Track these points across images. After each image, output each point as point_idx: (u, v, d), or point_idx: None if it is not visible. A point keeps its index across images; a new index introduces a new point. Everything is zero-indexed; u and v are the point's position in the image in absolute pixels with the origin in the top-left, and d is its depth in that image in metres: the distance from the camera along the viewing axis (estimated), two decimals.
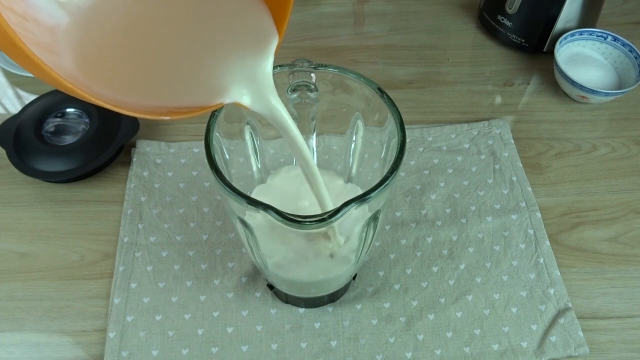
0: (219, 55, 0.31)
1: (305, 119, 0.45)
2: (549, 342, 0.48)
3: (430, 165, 0.60)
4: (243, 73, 0.31)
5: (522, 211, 0.56)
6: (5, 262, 0.53)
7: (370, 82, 0.39)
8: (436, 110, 0.66)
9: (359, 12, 0.79)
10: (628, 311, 0.51)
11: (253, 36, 0.32)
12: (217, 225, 0.55)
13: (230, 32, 0.32)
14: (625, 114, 0.66)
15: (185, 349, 0.47)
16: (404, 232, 0.55)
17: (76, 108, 0.60)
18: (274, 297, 0.50)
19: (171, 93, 0.31)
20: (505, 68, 0.71)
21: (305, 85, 0.41)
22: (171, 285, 0.51)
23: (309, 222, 0.31)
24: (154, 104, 0.29)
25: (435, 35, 0.75)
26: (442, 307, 0.50)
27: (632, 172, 0.61)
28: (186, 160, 0.60)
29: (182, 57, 0.31)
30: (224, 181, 0.34)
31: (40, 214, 0.56)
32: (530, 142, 0.63)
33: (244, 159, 0.45)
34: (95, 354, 0.47)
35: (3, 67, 0.68)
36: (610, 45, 0.68)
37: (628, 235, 0.55)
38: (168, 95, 0.30)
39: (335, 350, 0.48)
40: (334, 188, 0.47)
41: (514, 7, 0.68)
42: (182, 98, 0.31)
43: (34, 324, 0.49)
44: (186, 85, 0.31)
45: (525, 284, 0.51)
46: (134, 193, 0.57)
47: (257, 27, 0.32)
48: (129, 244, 0.53)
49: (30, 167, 0.56)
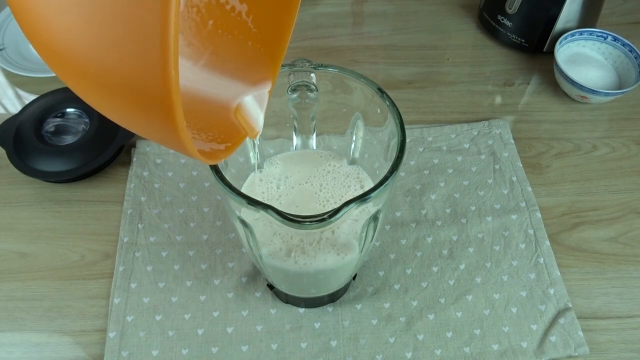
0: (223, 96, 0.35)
1: (305, 119, 0.45)
2: (549, 342, 0.48)
3: (430, 165, 0.60)
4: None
5: (522, 211, 0.56)
6: (5, 262, 0.53)
7: (370, 82, 0.39)
8: (436, 110, 0.66)
9: (358, 12, 0.79)
10: (628, 311, 0.51)
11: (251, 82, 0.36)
12: (217, 225, 0.55)
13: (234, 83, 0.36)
14: (625, 114, 0.66)
15: (185, 349, 0.47)
16: (404, 232, 0.55)
17: (76, 108, 0.60)
18: (274, 297, 0.50)
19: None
20: (505, 68, 0.71)
21: (305, 85, 0.41)
22: (171, 285, 0.51)
23: (308, 222, 0.31)
24: None
25: (435, 35, 0.75)
26: (442, 307, 0.50)
27: (632, 172, 0.61)
28: (186, 160, 0.60)
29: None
30: (224, 181, 0.34)
31: (40, 214, 0.56)
32: (530, 142, 0.63)
33: (244, 159, 0.45)
34: (95, 354, 0.47)
35: (3, 67, 0.68)
36: (610, 45, 0.68)
37: (628, 235, 0.55)
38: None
39: (335, 350, 0.48)
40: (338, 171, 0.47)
41: (514, 7, 0.68)
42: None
43: (34, 324, 0.49)
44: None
45: (525, 284, 0.51)
46: (134, 193, 0.57)
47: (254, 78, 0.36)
48: (129, 244, 0.53)
49: (30, 167, 0.56)
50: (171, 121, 0.22)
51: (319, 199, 0.44)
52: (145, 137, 0.29)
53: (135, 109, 0.23)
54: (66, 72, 0.24)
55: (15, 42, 0.71)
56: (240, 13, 0.34)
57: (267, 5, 0.34)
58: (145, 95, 0.21)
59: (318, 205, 0.43)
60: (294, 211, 0.32)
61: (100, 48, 0.21)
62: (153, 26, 0.19)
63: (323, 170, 0.46)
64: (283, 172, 0.46)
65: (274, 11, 0.34)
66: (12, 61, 0.69)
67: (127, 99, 0.23)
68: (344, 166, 0.46)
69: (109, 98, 0.24)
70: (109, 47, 0.21)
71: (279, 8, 0.34)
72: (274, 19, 0.35)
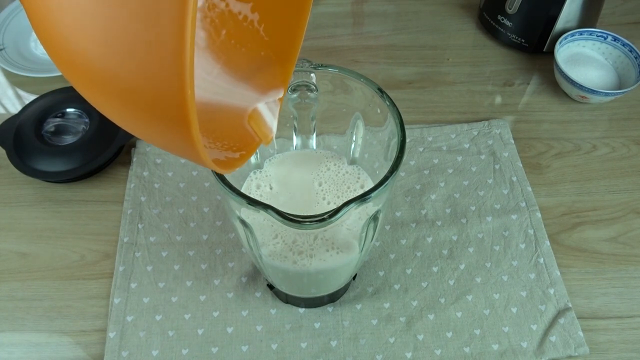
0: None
1: (305, 119, 0.45)
2: (549, 342, 0.48)
3: (430, 165, 0.60)
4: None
5: (522, 211, 0.56)
6: (5, 262, 0.53)
7: (370, 82, 0.39)
8: (436, 110, 0.66)
9: (358, 12, 0.79)
10: (628, 311, 0.51)
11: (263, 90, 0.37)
12: (217, 225, 0.55)
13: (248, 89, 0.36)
14: (625, 114, 0.66)
15: (185, 349, 0.47)
16: (404, 232, 0.55)
17: (76, 108, 0.60)
18: (274, 297, 0.50)
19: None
20: (505, 68, 0.71)
21: (305, 85, 0.41)
22: (171, 285, 0.51)
23: (308, 222, 0.31)
24: None
25: (435, 35, 0.75)
26: (442, 307, 0.50)
27: (632, 172, 0.61)
28: (186, 160, 0.60)
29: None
30: (224, 181, 0.34)
31: (40, 214, 0.56)
32: (530, 142, 0.63)
33: None
34: (95, 354, 0.47)
35: (3, 67, 0.68)
36: (610, 45, 0.68)
37: (628, 235, 0.55)
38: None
39: (335, 350, 0.48)
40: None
41: (514, 7, 0.68)
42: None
43: (34, 324, 0.49)
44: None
45: (525, 284, 0.51)
46: (134, 193, 0.57)
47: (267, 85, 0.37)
48: (129, 244, 0.53)
49: (30, 167, 0.56)
50: (188, 136, 0.22)
51: (318, 199, 0.44)
52: (159, 148, 0.29)
53: (151, 123, 0.23)
54: (80, 80, 0.24)
55: (15, 42, 0.71)
56: (252, 22, 0.34)
57: (278, 14, 0.35)
58: (162, 110, 0.21)
59: (318, 205, 0.43)
60: (293, 211, 0.32)
61: (115, 60, 0.21)
62: (170, 42, 0.19)
63: (323, 170, 0.46)
64: (283, 172, 0.46)
65: (285, 20, 0.35)
66: (12, 61, 0.69)
67: (143, 112, 0.23)
68: (344, 166, 0.46)
69: (124, 110, 0.24)
70: (125, 60, 0.21)
71: (290, 16, 0.35)
72: (285, 27, 0.35)
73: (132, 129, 0.25)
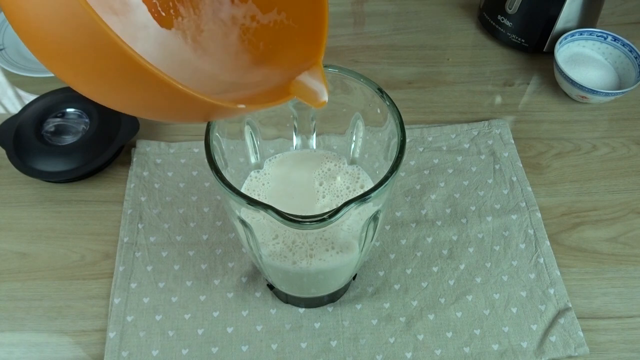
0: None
1: (305, 119, 0.45)
2: (549, 342, 0.48)
3: (430, 165, 0.60)
4: None
5: (522, 211, 0.56)
6: (5, 262, 0.53)
7: (370, 82, 0.39)
8: (436, 110, 0.66)
9: (358, 11, 0.79)
10: (628, 311, 0.51)
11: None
12: (217, 225, 0.55)
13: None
14: (625, 114, 0.66)
15: (185, 349, 0.47)
16: (404, 232, 0.55)
17: (76, 108, 0.60)
18: (274, 297, 0.50)
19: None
20: (505, 68, 0.71)
21: None
22: (171, 285, 0.51)
23: (308, 222, 0.31)
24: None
25: (435, 35, 0.75)
26: (442, 307, 0.50)
27: (632, 172, 0.61)
28: (186, 160, 0.60)
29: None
30: (224, 181, 0.34)
31: (40, 214, 0.56)
32: (530, 142, 0.63)
33: (244, 159, 0.45)
34: (95, 354, 0.47)
35: (3, 67, 0.68)
36: (610, 45, 0.68)
37: (628, 235, 0.55)
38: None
39: (335, 350, 0.48)
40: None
41: (514, 7, 0.68)
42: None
43: (34, 324, 0.49)
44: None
45: (525, 284, 0.51)
46: (134, 193, 0.57)
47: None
48: (129, 244, 0.53)
49: (30, 167, 0.56)
50: (135, 63, 0.23)
51: (318, 199, 0.44)
52: (149, 110, 0.30)
53: (116, 80, 0.25)
54: (41, 53, 0.26)
55: (15, 42, 0.71)
56: (282, 22, 0.37)
57: (298, 3, 0.36)
58: (97, 50, 0.23)
59: (318, 205, 0.43)
60: (293, 211, 0.32)
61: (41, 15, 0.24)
62: None
63: (323, 170, 0.46)
64: (283, 172, 0.46)
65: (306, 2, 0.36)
66: (12, 61, 0.69)
67: (98, 73, 0.25)
68: (344, 166, 0.46)
69: (85, 78, 0.26)
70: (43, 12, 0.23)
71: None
72: (308, 7, 0.36)
73: (110, 97, 0.27)
